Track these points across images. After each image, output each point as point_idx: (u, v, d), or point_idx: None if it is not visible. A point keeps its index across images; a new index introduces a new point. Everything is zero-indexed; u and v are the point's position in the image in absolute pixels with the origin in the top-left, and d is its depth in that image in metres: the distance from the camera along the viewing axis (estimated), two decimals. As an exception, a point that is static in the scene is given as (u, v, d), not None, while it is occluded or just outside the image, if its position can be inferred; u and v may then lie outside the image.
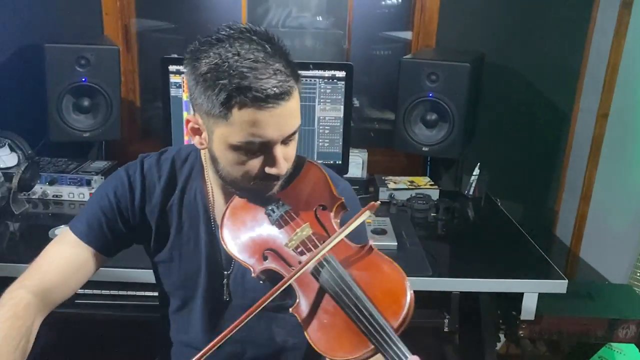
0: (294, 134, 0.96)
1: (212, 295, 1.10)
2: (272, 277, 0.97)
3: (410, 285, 0.86)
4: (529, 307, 1.61)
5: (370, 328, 0.82)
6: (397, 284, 0.86)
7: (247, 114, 0.88)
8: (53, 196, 1.98)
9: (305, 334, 0.88)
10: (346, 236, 0.95)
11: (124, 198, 1.09)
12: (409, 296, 0.85)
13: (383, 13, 2.69)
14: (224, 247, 1.00)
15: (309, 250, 0.94)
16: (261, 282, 0.98)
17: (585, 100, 2.39)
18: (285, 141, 0.95)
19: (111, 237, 1.09)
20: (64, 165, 2.07)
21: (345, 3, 2.52)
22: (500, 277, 1.60)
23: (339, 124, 2.05)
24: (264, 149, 0.93)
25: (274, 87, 0.88)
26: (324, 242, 0.93)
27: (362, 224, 1.14)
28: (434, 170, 2.32)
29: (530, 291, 1.59)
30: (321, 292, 0.89)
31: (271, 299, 0.88)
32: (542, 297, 1.63)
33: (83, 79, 2.02)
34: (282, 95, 0.89)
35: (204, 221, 1.09)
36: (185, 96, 2.01)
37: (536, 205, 2.60)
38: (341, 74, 2.01)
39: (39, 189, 1.96)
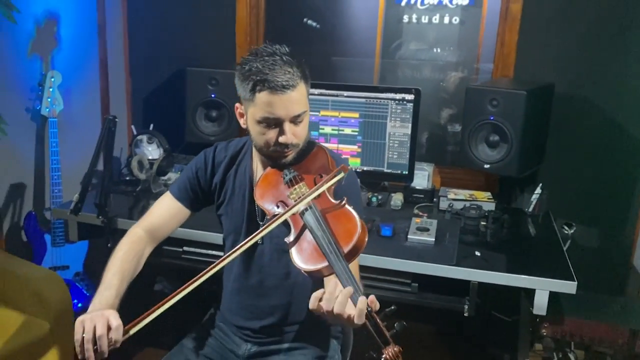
0: (299, 116, 1.38)
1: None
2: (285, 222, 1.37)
3: (363, 230, 1.22)
4: (541, 303, 1.81)
5: (327, 249, 1.19)
6: (353, 226, 1.23)
7: (265, 97, 1.34)
8: (182, 182, 2.58)
9: (290, 254, 1.26)
10: (333, 195, 1.34)
11: (201, 170, 1.60)
12: (358, 234, 1.20)
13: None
14: (255, 199, 1.44)
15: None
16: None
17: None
18: (294, 121, 1.38)
19: (193, 196, 1.60)
20: (193, 160, 2.69)
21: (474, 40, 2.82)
22: (514, 273, 1.83)
23: (406, 139, 2.40)
24: (278, 124, 1.37)
25: (284, 80, 1.32)
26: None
27: (358, 195, 1.51)
28: (507, 189, 2.54)
29: (541, 288, 1.79)
30: (304, 228, 1.28)
31: (273, 226, 1.29)
32: (566, 300, 1.81)
33: (212, 95, 2.62)
34: (288, 86, 1.33)
35: (248, 187, 1.54)
36: (284, 110, 2.51)
37: (614, 234, 2.65)
38: (410, 96, 2.36)
39: (173, 175, 2.59)
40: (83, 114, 2.94)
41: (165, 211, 1.60)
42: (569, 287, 1.77)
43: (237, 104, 1.45)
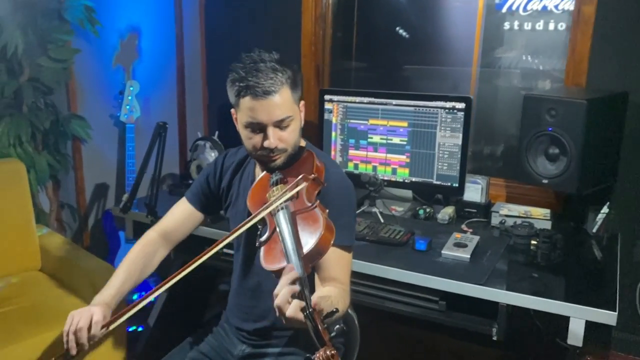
0: (283, 121, 1.38)
1: (250, 242, 1.55)
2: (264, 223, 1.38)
3: (327, 233, 1.20)
4: (576, 333, 1.63)
5: (288, 250, 1.18)
6: (316, 228, 1.22)
7: (248, 102, 1.37)
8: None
9: (260, 252, 1.27)
10: (314, 198, 1.32)
11: (211, 175, 1.66)
12: (319, 237, 1.19)
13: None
14: (247, 203, 1.46)
15: None
16: (260, 226, 1.39)
17: None
18: (279, 125, 1.39)
19: (204, 200, 1.67)
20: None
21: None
22: (548, 297, 1.67)
23: (457, 150, 2.29)
24: (262, 129, 1.39)
25: (265, 86, 1.34)
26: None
27: (345, 204, 1.47)
28: (578, 208, 2.33)
29: (576, 316, 1.62)
30: (275, 228, 1.28)
31: (249, 225, 1.33)
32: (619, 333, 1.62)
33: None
34: (269, 92, 1.35)
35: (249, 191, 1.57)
36: (334, 119, 2.51)
37: None
38: (461, 105, 2.26)
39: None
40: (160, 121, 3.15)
41: (180, 214, 1.67)
42: (607, 317, 1.58)
43: (232, 110, 1.49)
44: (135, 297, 2.84)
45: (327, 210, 1.28)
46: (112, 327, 1.36)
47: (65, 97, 2.81)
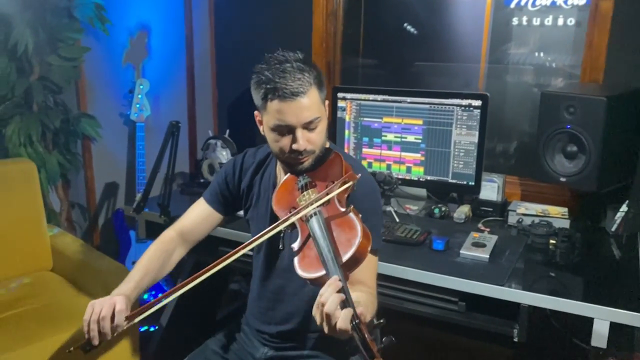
0: (312, 122, 1.35)
1: (272, 244, 1.53)
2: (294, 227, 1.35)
3: (365, 239, 1.17)
4: (600, 334, 1.60)
5: (324, 258, 1.15)
6: (354, 235, 1.18)
7: (276, 105, 1.33)
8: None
9: (294, 260, 1.24)
10: (345, 203, 1.30)
11: (230, 175, 1.63)
12: (357, 244, 1.15)
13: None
14: (272, 205, 1.43)
15: None
16: (288, 230, 1.37)
17: None
18: (308, 127, 1.36)
19: (223, 201, 1.64)
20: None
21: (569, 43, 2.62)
22: (570, 298, 1.64)
23: (473, 148, 2.26)
24: (290, 131, 1.36)
25: (293, 87, 1.31)
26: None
27: (374, 207, 1.45)
28: (595, 206, 2.30)
29: (601, 318, 1.59)
30: (309, 234, 1.24)
31: (276, 230, 1.30)
32: None
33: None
34: (298, 93, 1.31)
35: (271, 192, 1.54)
36: (347, 117, 2.49)
37: None
38: (477, 102, 2.23)
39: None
40: (170, 119, 3.12)
41: (198, 215, 1.65)
42: (632, 318, 1.55)
43: (255, 112, 1.46)
44: (145, 296, 2.82)
45: (360, 215, 1.25)
46: (137, 319, 1.33)
47: (75, 96, 2.79)
